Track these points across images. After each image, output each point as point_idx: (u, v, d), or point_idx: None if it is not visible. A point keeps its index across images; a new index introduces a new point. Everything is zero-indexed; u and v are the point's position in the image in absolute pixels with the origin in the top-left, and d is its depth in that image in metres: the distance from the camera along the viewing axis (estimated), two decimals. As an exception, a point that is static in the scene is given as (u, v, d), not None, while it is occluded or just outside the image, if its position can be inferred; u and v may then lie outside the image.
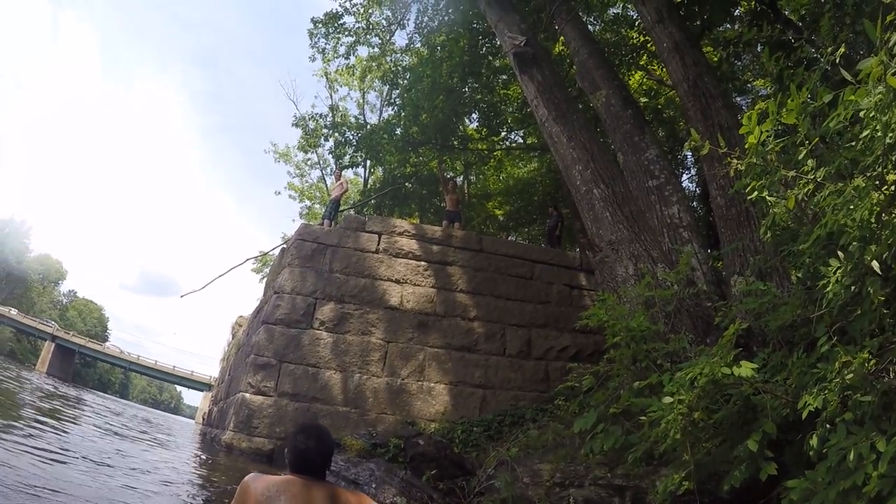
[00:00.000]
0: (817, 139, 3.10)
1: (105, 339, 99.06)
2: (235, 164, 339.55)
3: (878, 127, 2.79)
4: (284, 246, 13.65)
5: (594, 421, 5.37)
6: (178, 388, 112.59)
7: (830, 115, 2.94)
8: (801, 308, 4.37)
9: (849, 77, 2.98)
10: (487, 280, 11.63)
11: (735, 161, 3.31)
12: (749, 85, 14.66)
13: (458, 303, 11.30)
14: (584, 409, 5.96)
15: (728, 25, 12.78)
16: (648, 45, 14.24)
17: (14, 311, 69.52)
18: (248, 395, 10.15)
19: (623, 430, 5.15)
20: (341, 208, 15.55)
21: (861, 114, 2.79)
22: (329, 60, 20.54)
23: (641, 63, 16.29)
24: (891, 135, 2.73)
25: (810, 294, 4.16)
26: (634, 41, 15.64)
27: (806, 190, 3.28)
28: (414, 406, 10.37)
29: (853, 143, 3.02)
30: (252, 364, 10.40)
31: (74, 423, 13.03)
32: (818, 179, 3.13)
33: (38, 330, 70.32)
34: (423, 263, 11.50)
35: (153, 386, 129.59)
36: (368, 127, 19.77)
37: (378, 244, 11.58)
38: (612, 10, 16.37)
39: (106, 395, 65.24)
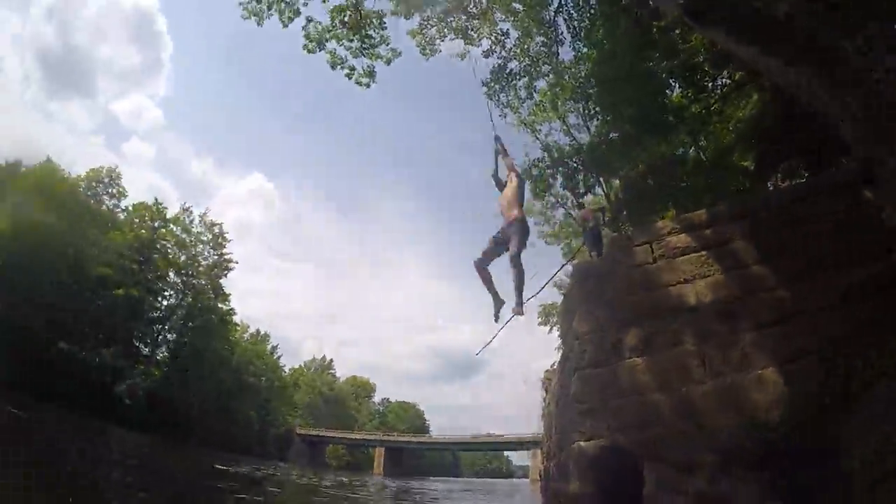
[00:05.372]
0: None
1: (426, 430, 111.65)
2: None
3: None
4: (563, 293, 13.97)
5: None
6: (505, 452, 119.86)
7: None
8: None
9: None
10: (769, 242, 10.04)
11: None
12: None
13: (752, 277, 9.89)
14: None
15: None
16: None
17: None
18: (582, 443, 10.23)
19: None
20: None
21: None
22: (517, 109, 21.19)
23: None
24: None
25: None
26: None
27: None
28: (749, 400, 9.03)
29: None
30: (577, 413, 10.52)
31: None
32: None
33: (366, 440, 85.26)
34: (702, 254, 10.43)
35: (482, 457, 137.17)
36: (584, 147, 19.67)
37: (652, 253, 10.97)
38: None
39: (441, 478, 78.23)
